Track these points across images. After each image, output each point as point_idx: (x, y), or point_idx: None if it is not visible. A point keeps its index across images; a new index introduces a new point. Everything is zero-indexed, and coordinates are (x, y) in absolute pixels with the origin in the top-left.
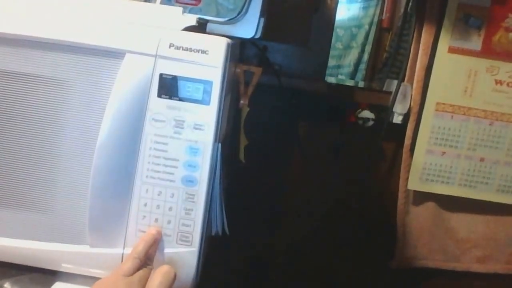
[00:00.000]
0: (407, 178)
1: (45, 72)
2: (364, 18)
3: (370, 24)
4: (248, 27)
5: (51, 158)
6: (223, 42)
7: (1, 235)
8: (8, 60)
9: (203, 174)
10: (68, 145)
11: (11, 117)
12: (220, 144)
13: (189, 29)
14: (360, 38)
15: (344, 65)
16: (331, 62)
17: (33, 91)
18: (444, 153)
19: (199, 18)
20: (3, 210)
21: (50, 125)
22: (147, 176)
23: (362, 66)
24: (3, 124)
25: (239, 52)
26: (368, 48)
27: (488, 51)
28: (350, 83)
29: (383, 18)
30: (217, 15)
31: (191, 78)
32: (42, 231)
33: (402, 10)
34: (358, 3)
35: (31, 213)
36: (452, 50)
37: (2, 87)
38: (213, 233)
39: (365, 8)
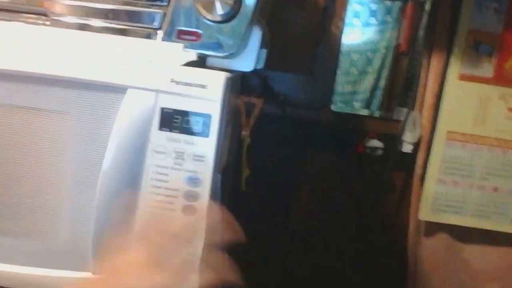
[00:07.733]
0: (418, 209)
1: (50, 106)
2: (381, 42)
3: (387, 48)
4: (248, 60)
5: (55, 189)
6: (221, 77)
7: (3, 262)
8: (14, 95)
9: (202, 204)
10: (72, 176)
11: (16, 148)
12: (220, 175)
13: (190, 64)
14: (376, 63)
15: (359, 91)
16: (346, 89)
17: (38, 124)
18: (456, 182)
19: (199, 53)
20: (6, 237)
21: (54, 157)
22: (148, 206)
23: (379, 92)
24: (8, 155)
25: (241, 82)
26: (384, 73)
27: (500, 78)
28: (365, 112)
29: (400, 41)
30: (217, 50)
31: (191, 112)
32: (45, 258)
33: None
34: (374, 26)
35: (34, 240)
36: (463, 77)
37: (9, 121)
38: None
39: (381, 31)
